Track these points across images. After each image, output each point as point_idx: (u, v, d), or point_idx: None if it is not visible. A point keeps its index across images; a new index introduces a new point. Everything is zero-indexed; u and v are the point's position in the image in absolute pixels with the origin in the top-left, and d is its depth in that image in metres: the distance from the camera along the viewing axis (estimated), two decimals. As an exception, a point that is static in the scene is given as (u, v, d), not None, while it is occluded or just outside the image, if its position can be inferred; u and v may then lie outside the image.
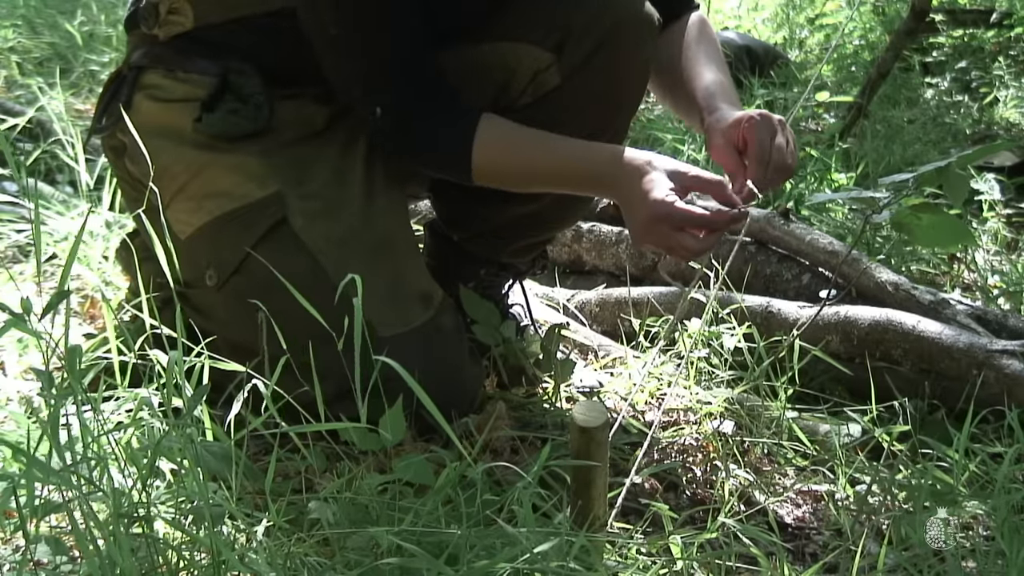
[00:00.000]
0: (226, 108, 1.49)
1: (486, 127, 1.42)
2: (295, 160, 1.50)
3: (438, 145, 1.45)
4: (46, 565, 1.05)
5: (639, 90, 1.60)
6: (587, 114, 1.53)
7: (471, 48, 1.52)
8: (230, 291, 1.46)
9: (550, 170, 1.43)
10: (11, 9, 4.22)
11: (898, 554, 1.23)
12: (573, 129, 1.50)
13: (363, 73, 1.44)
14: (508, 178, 1.47)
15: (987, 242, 2.49)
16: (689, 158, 2.81)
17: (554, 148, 1.42)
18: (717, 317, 1.72)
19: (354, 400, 1.28)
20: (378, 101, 1.44)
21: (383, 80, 1.44)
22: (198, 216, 1.48)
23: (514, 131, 1.44)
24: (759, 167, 1.34)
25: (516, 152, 1.44)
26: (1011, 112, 3.51)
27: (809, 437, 1.52)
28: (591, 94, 1.52)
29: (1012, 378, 1.53)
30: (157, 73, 1.53)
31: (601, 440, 1.20)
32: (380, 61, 1.43)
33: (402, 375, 1.14)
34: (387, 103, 1.44)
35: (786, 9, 4.78)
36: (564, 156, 1.42)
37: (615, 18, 1.49)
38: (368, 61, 1.44)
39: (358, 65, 1.44)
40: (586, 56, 1.49)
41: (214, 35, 1.51)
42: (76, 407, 1.05)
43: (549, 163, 1.43)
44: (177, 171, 1.48)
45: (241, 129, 1.49)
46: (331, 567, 1.08)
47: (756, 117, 1.36)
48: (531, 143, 1.43)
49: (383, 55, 1.43)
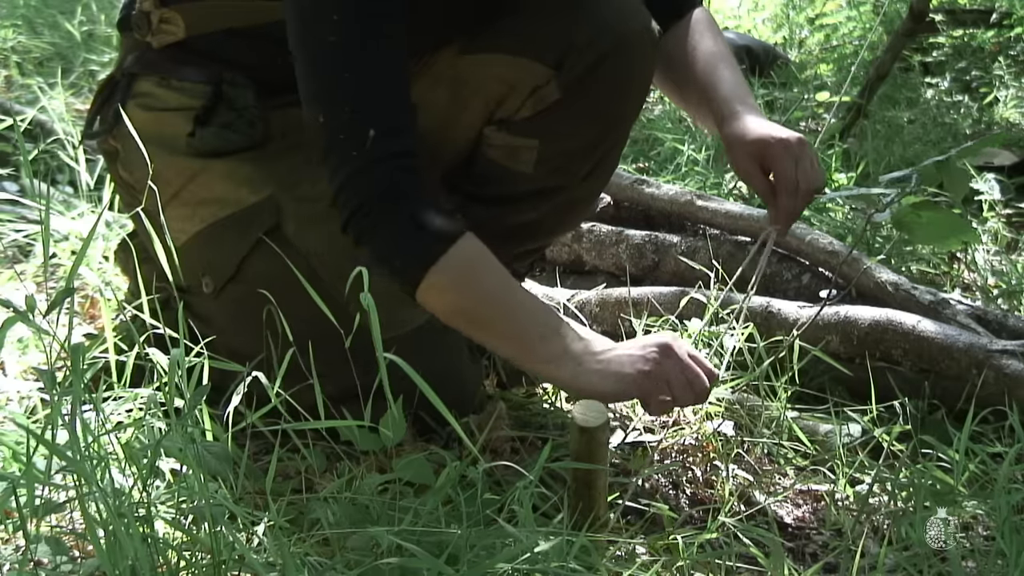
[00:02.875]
0: (219, 122, 1.49)
1: (464, 247, 1.32)
2: (289, 163, 1.49)
3: (399, 246, 1.33)
4: (46, 565, 1.05)
5: (639, 103, 1.59)
6: (586, 127, 1.52)
7: (466, 60, 1.51)
8: (227, 298, 1.46)
9: (502, 332, 1.34)
10: (11, 9, 4.22)
11: (898, 554, 1.23)
12: (572, 142, 1.50)
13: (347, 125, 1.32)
14: (452, 318, 1.35)
15: (987, 242, 2.49)
16: (689, 158, 2.81)
17: (514, 311, 1.33)
18: (717, 317, 1.72)
19: (355, 401, 1.28)
20: (357, 164, 1.32)
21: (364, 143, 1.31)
22: (192, 223, 1.48)
23: (484, 272, 1.34)
24: (789, 199, 1.36)
25: (476, 298, 1.34)
26: (1011, 112, 3.51)
27: (809, 437, 1.52)
28: (592, 107, 1.51)
29: (1012, 378, 1.53)
30: (150, 81, 1.53)
31: (601, 440, 1.20)
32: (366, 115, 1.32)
33: (401, 377, 1.14)
34: (369, 179, 1.32)
35: (786, 9, 4.78)
36: (522, 324, 1.33)
37: (618, 33, 1.49)
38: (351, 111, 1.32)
39: (342, 116, 1.32)
40: (588, 69, 1.48)
41: (206, 44, 1.51)
42: (76, 406, 1.05)
43: (505, 325, 1.34)
44: (170, 176, 1.48)
45: (235, 145, 1.48)
46: (331, 567, 1.08)
47: (777, 145, 1.36)
48: (495, 296, 1.34)
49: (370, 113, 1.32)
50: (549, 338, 1.31)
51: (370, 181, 1.32)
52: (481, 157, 1.58)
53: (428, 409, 1.19)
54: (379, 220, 1.32)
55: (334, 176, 1.32)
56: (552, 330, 1.32)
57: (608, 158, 1.61)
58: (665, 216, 2.26)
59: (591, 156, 1.57)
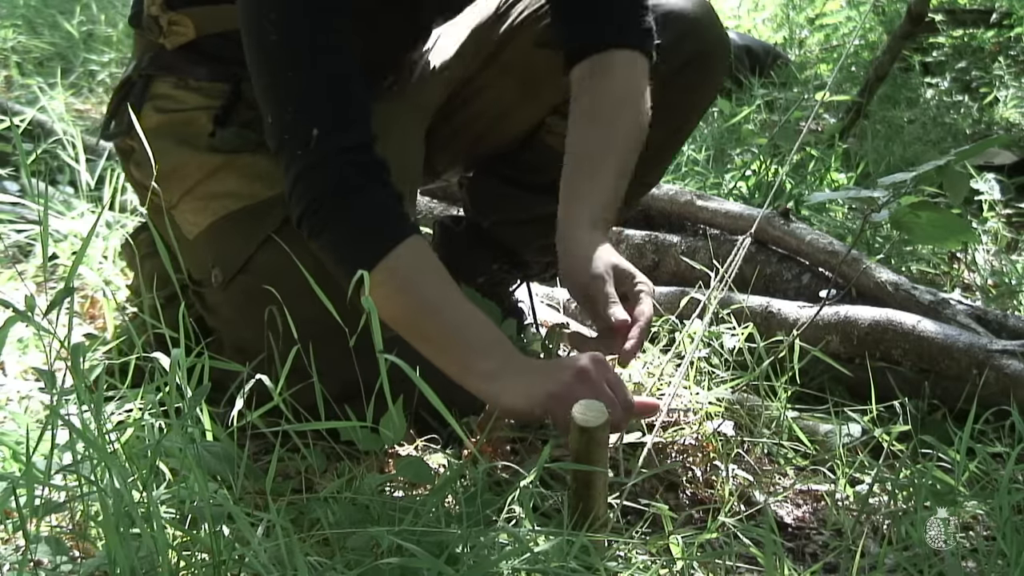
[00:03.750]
0: (240, 121, 1.49)
1: (406, 253, 1.31)
2: None
3: (346, 244, 1.33)
4: (46, 565, 1.05)
5: (705, 111, 1.64)
6: (651, 129, 1.51)
7: (543, 55, 1.52)
8: (235, 290, 1.46)
9: (438, 341, 1.32)
10: (11, 9, 4.22)
11: (898, 554, 1.23)
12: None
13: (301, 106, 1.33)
14: (392, 322, 1.31)
15: (987, 242, 2.49)
16: (689, 158, 2.81)
17: (453, 320, 1.32)
18: (717, 317, 1.72)
19: (356, 401, 1.28)
20: (314, 142, 1.31)
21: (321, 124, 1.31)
22: (204, 216, 1.49)
23: (426, 277, 1.33)
24: (642, 334, 1.32)
25: (410, 297, 1.33)
26: (1011, 112, 3.51)
27: (809, 437, 1.52)
28: (659, 111, 1.48)
29: (1012, 378, 1.53)
30: (168, 83, 1.53)
31: (601, 440, 1.20)
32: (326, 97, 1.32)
33: (402, 377, 1.14)
34: (322, 156, 1.32)
35: (786, 9, 4.78)
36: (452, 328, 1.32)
37: (700, 41, 1.52)
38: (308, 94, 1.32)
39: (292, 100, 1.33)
40: (666, 74, 1.49)
41: (218, 45, 1.51)
42: (77, 405, 1.05)
43: (441, 333, 1.32)
44: (188, 172, 1.48)
45: (254, 144, 1.48)
46: (331, 567, 1.08)
47: (627, 280, 1.34)
48: (434, 303, 1.32)
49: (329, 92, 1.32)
50: (483, 352, 1.30)
51: (319, 177, 1.32)
52: (539, 143, 1.58)
53: (429, 409, 1.18)
54: (328, 217, 1.32)
55: (285, 175, 1.33)
56: (487, 344, 1.31)
57: (662, 161, 1.61)
58: (665, 216, 2.26)
59: (647, 157, 1.55)
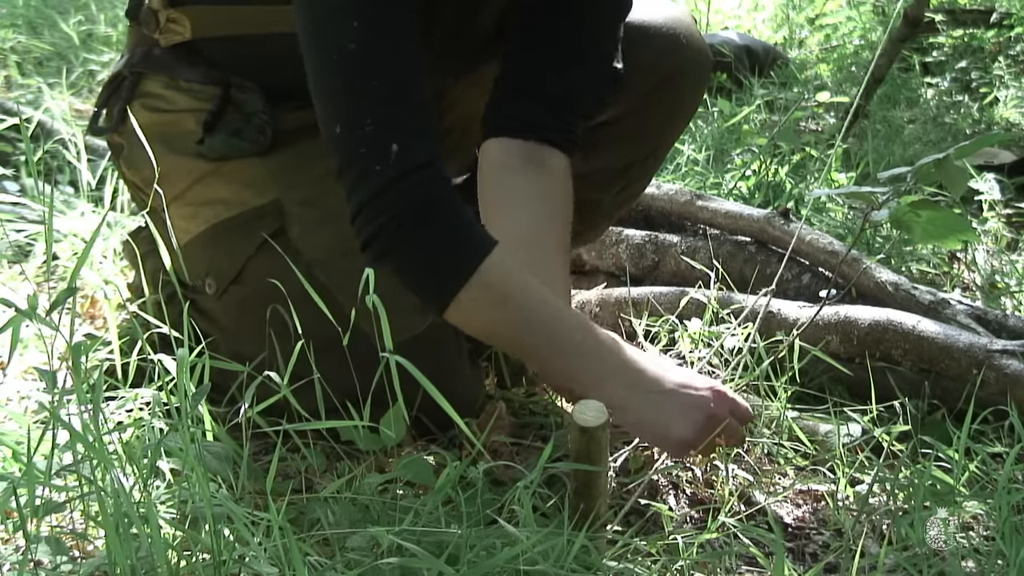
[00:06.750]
0: (229, 128, 1.47)
1: (495, 266, 1.26)
2: (294, 167, 1.48)
3: (439, 265, 1.27)
4: (46, 565, 1.05)
5: (683, 129, 1.64)
6: (630, 147, 1.52)
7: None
8: (230, 300, 1.46)
9: (543, 349, 1.30)
10: (11, 9, 4.22)
11: (898, 554, 1.23)
12: (613, 160, 1.50)
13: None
14: (481, 332, 1.31)
15: (987, 242, 2.49)
16: (689, 158, 2.81)
17: (554, 325, 1.29)
18: (717, 317, 1.72)
19: (354, 406, 1.28)
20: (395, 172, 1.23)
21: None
22: (195, 223, 1.48)
23: (522, 284, 1.29)
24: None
25: (510, 311, 1.29)
26: (1011, 112, 3.51)
27: (809, 437, 1.52)
28: (640, 130, 1.52)
29: (1012, 378, 1.53)
30: (158, 82, 1.52)
31: (601, 440, 1.20)
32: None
33: (401, 381, 1.14)
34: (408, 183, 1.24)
35: (786, 9, 4.78)
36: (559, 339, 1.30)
37: (678, 58, 1.52)
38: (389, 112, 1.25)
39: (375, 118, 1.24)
40: (645, 92, 1.50)
41: (213, 48, 1.50)
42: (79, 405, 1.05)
43: (543, 340, 1.29)
44: (175, 177, 1.48)
45: (243, 152, 1.47)
46: (331, 567, 1.08)
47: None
48: (533, 309, 1.29)
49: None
50: (592, 355, 1.28)
51: (398, 196, 1.24)
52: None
53: (429, 413, 1.19)
54: (409, 236, 1.25)
55: (353, 192, 1.25)
56: (594, 346, 1.28)
57: (643, 177, 1.62)
58: (665, 216, 2.26)
59: (626, 174, 1.57)
